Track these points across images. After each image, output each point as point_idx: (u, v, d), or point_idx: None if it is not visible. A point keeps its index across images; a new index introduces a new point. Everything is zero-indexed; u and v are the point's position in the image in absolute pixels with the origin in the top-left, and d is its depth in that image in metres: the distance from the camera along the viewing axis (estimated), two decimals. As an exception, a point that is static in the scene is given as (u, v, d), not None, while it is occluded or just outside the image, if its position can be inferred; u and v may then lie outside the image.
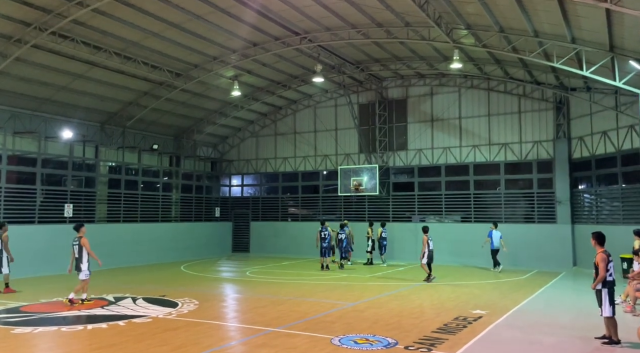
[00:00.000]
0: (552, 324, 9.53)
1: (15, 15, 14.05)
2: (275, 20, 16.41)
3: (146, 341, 8.08)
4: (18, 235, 16.75)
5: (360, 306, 11.24)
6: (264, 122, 26.77)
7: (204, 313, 10.41)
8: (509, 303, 11.63)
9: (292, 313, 10.33)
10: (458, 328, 9.01)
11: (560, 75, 18.80)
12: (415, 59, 20.25)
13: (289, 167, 26.10)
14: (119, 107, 20.87)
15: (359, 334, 8.50)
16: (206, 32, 16.90)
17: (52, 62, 16.63)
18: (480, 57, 18.93)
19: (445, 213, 22.15)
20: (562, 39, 14.25)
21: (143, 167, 22.87)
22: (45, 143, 18.95)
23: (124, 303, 11.49)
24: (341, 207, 24.40)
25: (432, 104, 22.88)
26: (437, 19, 14.57)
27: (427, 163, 22.76)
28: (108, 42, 16.40)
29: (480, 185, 21.88)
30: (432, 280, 15.21)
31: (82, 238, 11.60)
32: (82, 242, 11.54)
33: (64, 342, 8.23)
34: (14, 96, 17.50)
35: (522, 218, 20.93)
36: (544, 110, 20.75)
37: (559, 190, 20.06)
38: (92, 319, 9.79)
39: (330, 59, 19.81)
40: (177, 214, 24.24)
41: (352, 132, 24.29)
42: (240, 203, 27.56)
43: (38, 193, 18.17)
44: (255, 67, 20.58)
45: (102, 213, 20.71)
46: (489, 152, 21.58)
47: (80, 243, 11.55)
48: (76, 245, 11.61)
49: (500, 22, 14.57)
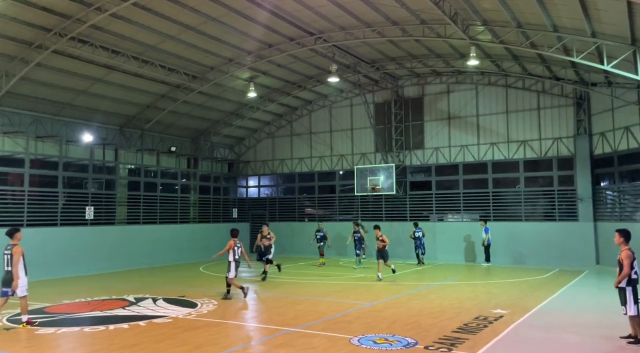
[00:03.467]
0: (576, 323, 9.35)
1: (36, 21, 14.34)
2: (290, 21, 16.44)
3: (166, 341, 8.16)
4: (41, 238, 17.14)
5: (378, 306, 11.19)
6: (280, 122, 26.84)
7: (223, 314, 10.47)
8: (530, 302, 11.45)
9: (311, 313, 10.32)
10: (478, 327, 8.89)
11: (580, 70, 18.45)
12: (431, 56, 20.09)
13: (305, 167, 26.13)
14: (137, 110, 21.15)
15: (378, 334, 8.45)
16: (221, 34, 17.02)
17: (71, 67, 16.94)
18: (497, 54, 18.69)
19: (464, 212, 21.92)
20: (582, 33, 13.97)
21: (161, 169, 23.14)
22: (66, 147, 19.30)
23: (145, 303, 11.62)
24: (358, 207, 24.33)
25: (448, 102, 22.66)
26: (453, 16, 14.42)
27: (444, 161, 22.56)
28: (126, 46, 16.63)
29: (499, 183, 21.60)
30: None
31: (15, 247, 9.29)
32: (14, 251, 9.21)
33: (87, 342, 8.36)
34: (35, 101, 17.87)
35: (542, 216, 20.60)
36: (563, 106, 20.39)
37: (581, 188, 19.69)
38: (113, 320, 9.92)
39: (345, 58, 19.77)
40: (195, 215, 24.46)
41: (368, 131, 24.20)
42: (257, 204, 27.68)
43: (60, 196, 18.51)
44: (271, 68, 20.65)
45: (122, 215, 21.02)
46: (508, 150, 21.29)
47: (12, 252, 9.21)
48: (8, 254, 9.25)
49: (517, 17, 14.36)
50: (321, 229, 20.81)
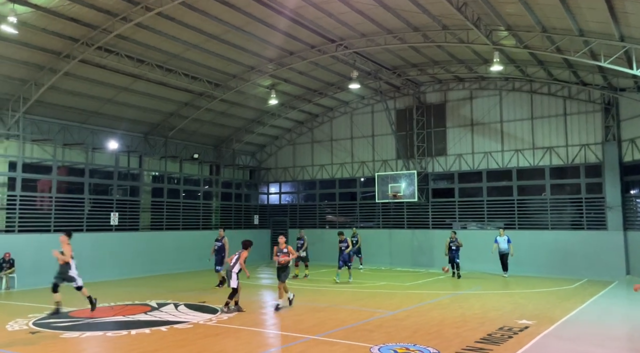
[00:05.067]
0: (604, 335, 9.03)
1: (65, 32, 14.75)
2: (311, 28, 16.52)
3: (187, 347, 8.20)
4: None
5: (400, 315, 11.03)
6: (301, 129, 26.93)
7: (243, 320, 10.47)
8: (557, 313, 11.13)
9: (331, 321, 10.24)
10: (503, 338, 8.67)
11: (608, 75, 18.00)
12: (454, 62, 19.90)
13: (325, 174, 26.11)
14: (161, 117, 21.51)
15: (398, 343, 8.32)
16: (244, 43, 17.21)
17: (98, 76, 17.34)
18: (522, 59, 18.38)
19: (488, 220, 21.53)
20: (610, 37, 13.63)
21: (184, 176, 23.44)
22: (92, 154, 19.74)
23: (167, 309, 11.72)
24: (379, 214, 24.16)
25: (471, 108, 22.38)
26: (476, 21, 14.26)
27: (467, 168, 22.24)
28: (150, 55, 16.96)
29: (524, 190, 21.16)
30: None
31: None
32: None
33: (110, 346, 8.46)
34: (63, 109, 18.34)
35: (569, 225, 20.07)
36: (591, 112, 19.90)
37: (610, 195, 19.13)
38: (136, 325, 10.02)
39: (366, 65, 19.74)
40: (217, 222, 24.65)
41: (389, 138, 24.07)
42: (278, 210, 27.76)
43: (86, 202, 18.90)
44: (292, 75, 20.76)
45: (146, 222, 21.33)
46: (533, 157, 20.86)
47: None
48: None
49: (542, 21, 14.11)
50: (355, 235, 20.33)
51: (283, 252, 12.21)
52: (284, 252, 12.21)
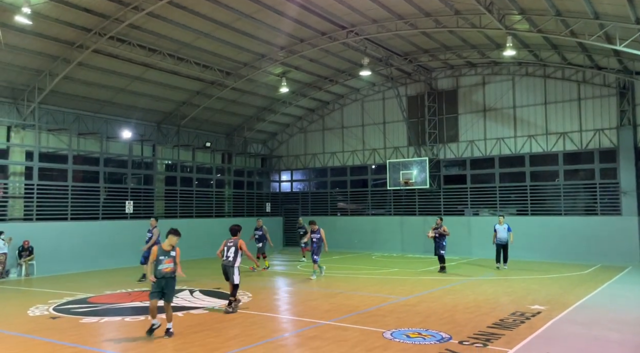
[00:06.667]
0: (617, 320, 9.03)
1: (78, 22, 14.87)
2: (321, 15, 16.44)
3: (203, 332, 8.37)
4: (84, 231, 17.85)
5: (412, 300, 11.12)
6: (312, 117, 26.92)
7: (257, 306, 10.64)
8: (570, 298, 11.13)
9: (343, 307, 10.36)
10: (515, 323, 8.72)
11: (623, 58, 17.70)
12: (466, 47, 19.69)
13: (337, 161, 26.14)
14: (173, 106, 21.65)
15: (411, 328, 8.41)
16: (254, 31, 17.19)
17: (110, 66, 17.48)
18: (535, 43, 18.14)
19: (500, 207, 21.45)
20: (626, 20, 13.39)
21: (197, 165, 23.63)
22: (106, 143, 19.97)
23: (182, 295, 11.93)
24: (391, 201, 24.18)
25: (484, 94, 22.18)
26: (489, 5, 14.08)
27: (479, 155, 22.12)
28: (162, 44, 17.03)
29: (537, 176, 21.02)
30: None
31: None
32: None
33: (127, 331, 8.67)
34: (77, 99, 18.55)
35: (583, 210, 19.94)
36: (606, 96, 19.62)
37: (624, 181, 18.93)
38: (152, 310, 10.19)
39: (377, 51, 19.62)
40: (229, 210, 24.88)
41: (400, 124, 23.98)
42: (290, 198, 27.91)
43: (101, 191, 19.18)
44: (303, 63, 20.71)
45: (160, 210, 21.60)
46: (546, 142, 20.67)
47: None
48: None
49: (556, 5, 13.89)
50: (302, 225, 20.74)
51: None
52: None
